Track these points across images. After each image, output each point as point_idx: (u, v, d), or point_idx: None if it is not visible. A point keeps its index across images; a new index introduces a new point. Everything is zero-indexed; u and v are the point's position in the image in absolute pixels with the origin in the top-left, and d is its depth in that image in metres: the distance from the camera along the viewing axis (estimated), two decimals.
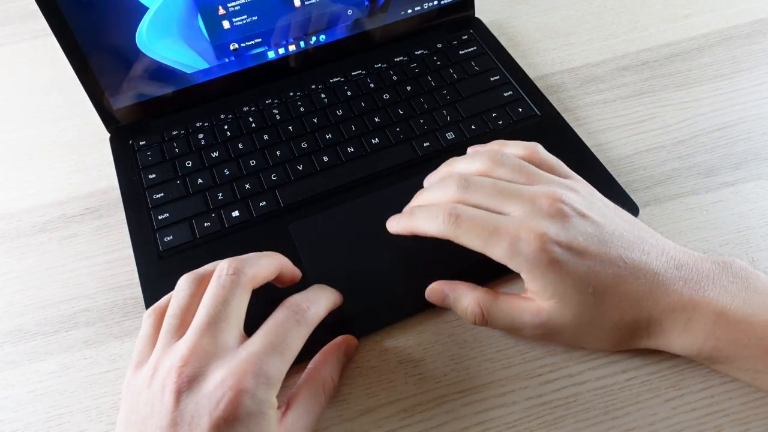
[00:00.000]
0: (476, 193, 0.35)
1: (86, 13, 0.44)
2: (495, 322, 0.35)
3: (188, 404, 0.28)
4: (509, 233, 0.33)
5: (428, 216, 0.35)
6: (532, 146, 0.39)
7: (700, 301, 0.32)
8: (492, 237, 0.33)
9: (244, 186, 0.45)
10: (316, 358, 0.35)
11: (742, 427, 0.34)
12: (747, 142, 0.46)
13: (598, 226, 0.34)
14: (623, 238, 0.33)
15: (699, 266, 0.33)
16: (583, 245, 0.33)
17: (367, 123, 0.49)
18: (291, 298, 0.34)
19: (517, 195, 0.34)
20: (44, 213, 0.48)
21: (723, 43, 0.54)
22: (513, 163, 0.37)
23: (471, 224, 0.34)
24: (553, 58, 0.55)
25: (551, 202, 0.33)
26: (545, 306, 0.33)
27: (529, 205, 0.34)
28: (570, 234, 0.33)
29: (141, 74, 0.48)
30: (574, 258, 0.32)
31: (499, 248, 0.33)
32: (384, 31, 0.53)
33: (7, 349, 0.40)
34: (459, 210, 0.34)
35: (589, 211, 0.34)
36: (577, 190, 0.36)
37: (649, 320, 0.33)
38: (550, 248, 0.32)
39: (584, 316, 0.33)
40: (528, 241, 0.32)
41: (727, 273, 0.33)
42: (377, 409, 0.36)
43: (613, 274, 0.32)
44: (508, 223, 0.33)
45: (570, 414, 0.35)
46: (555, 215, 0.33)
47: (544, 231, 0.32)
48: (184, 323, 0.31)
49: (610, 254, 0.33)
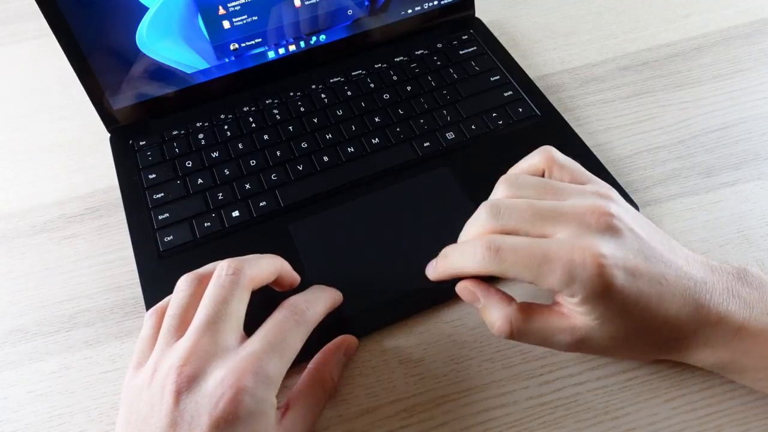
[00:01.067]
0: (511, 217, 0.31)
1: (86, 13, 0.44)
2: (524, 339, 0.33)
3: (188, 404, 0.28)
4: (561, 259, 0.29)
5: (464, 254, 0.32)
6: (546, 150, 0.35)
7: (723, 316, 0.31)
8: (543, 266, 0.29)
9: (244, 186, 0.45)
10: (316, 358, 0.35)
11: (742, 427, 0.34)
12: (747, 142, 0.46)
13: (641, 241, 0.31)
14: (661, 253, 0.31)
15: (718, 278, 0.32)
16: (634, 264, 0.30)
17: (367, 123, 0.49)
18: (290, 298, 0.34)
19: (559, 213, 0.31)
20: (44, 213, 0.48)
21: (723, 43, 0.54)
22: (532, 181, 0.33)
23: (516, 256, 0.30)
24: (553, 58, 0.55)
25: (598, 217, 0.30)
26: (581, 325, 0.31)
27: (575, 224, 0.30)
28: (625, 252, 0.30)
29: (141, 74, 0.48)
30: (628, 279, 0.30)
31: (553, 276, 0.29)
32: (384, 31, 0.53)
33: (7, 349, 0.40)
34: (498, 242, 0.30)
35: (634, 224, 0.31)
36: (614, 198, 0.33)
37: (678, 336, 0.32)
38: (610, 272, 0.29)
39: (621, 334, 0.31)
40: (584, 265, 0.29)
41: (744, 283, 0.32)
42: (377, 409, 0.36)
43: (657, 293, 0.30)
44: (558, 247, 0.30)
45: (570, 414, 0.35)
46: (606, 230, 0.30)
47: (601, 251, 0.29)
48: (183, 323, 0.31)
49: (653, 272, 0.30)
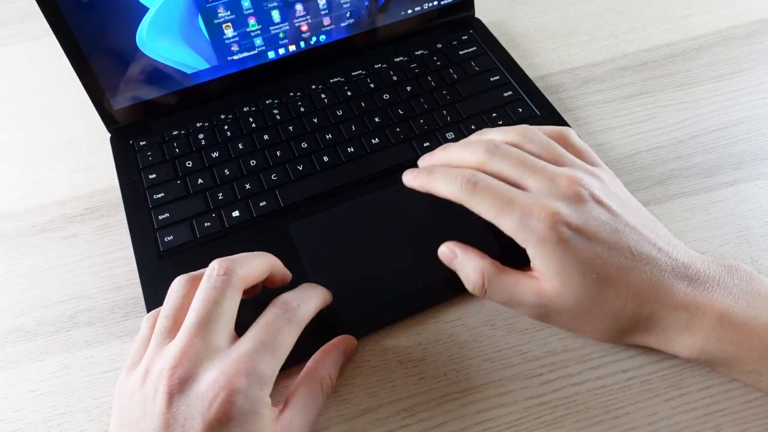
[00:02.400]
0: (500, 161, 0.35)
1: (86, 14, 0.44)
2: (495, 294, 0.35)
3: (180, 406, 0.28)
4: (522, 207, 0.33)
5: (447, 178, 0.35)
6: (565, 130, 0.39)
7: (704, 302, 0.32)
8: (505, 208, 0.33)
9: (244, 186, 0.45)
10: (314, 357, 0.35)
11: (742, 426, 0.34)
12: (746, 142, 0.46)
13: (613, 215, 0.34)
14: (636, 231, 0.33)
15: (706, 268, 0.33)
16: (594, 230, 0.33)
17: (367, 123, 0.49)
18: (281, 296, 0.33)
19: (539, 170, 0.35)
20: (44, 213, 0.48)
21: (722, 43, 0.54)
22: (542, 140, 0.37)
23: (486, 192, 0.34)
24: (553, 58, 0.55)
25: (570, 184, 0.34)
26: (547, 287, 0.33)
27: (548, 183, 0.34)
28: (582, 217, 0.33)
29: (141, 74, 0.48)
30: (582, 241, 0.32)
31: (510, 220, 0.33)
32: (384, 32, 0.54)
33: (7, 348, 0.40)
34: (478, 177, 0.34)
35: (608, 200, 0.34)
36: (601, 178, 0.36)
37: (650, 316, 0.33)
38: (560, 228, 0.32)
39: (585, 301, 0.33)
40: (539, 218, 0.32)
41: (733, 276, 0.33)
42: (377, 409, 0.36)
43: (619, 264, 0.32)
44: (522, 198, 0.33)
45: (570, 414, 0.35)
46: (571, 197, 0.33)
47: (557, 210, 0.32)
48: (176, 324, 0.31)
49: (619, 243, 0.33)
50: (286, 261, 0.37)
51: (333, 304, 0.37)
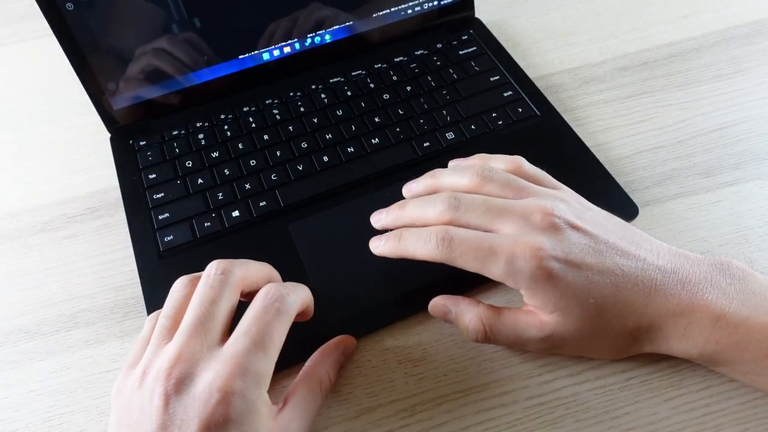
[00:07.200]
0: (466, 213, 0.34)
1: (86, 13, 0.44)
2: (498, 338, 0.35)
3: (177, 408, 0.28)
4: (505, 252, 0.32)
5: (419, 240, 0.34)
6: (517, 159, 0.38)
7: (699, 305, 0.32)
8: (488, 257, 0.33)
9: (244, 186, 0.45)
10: (313, 357, 0.35)
11: (741, 426, 0.34)
12: (746, 142, 0.46)
13: (591, 237, 0.33)
14: (618, 247, 0.33)
15: (696, 268, 0.33)
16: (579, 257, 0.32)
17: (367, 123, 0.49)
18: (267, 286, 0.33)
19: (509, 212, 0.34)
20: (44, 213, 0.48)
21: (722, 43, 0.54)
22: (501, 178, 0.36)
23: (465, 246, 0.33)
24: (553, 58, 0.55)
25: (543, 216, 0.33)
26: (548, 320, 0.33)
27: (521, 221, 0.33)
28: (565, 247, 0.32)
29: (141, 74, 0.48)
30: (571, 271, 0.32)
31: (496, 267, 0.32)
32: (384, 32, 0.54)
33: (7, 348, 0.40)
34: (451, 233, 0.33)
35: (581, 222, 0.34)
36: (567, 200, 0.35)
37: (650, 326, 0.33)
38: (548, 263, 0.32)
39: (587, 326, 0.33)
40: (525, 258, 0.32)
41: (725, 274, 0.33)
42: (377, 409, 0.36)
43: (612, 283, 0.32)
44: (502, 242, 0.33)
45: (570, 414, 0.35)
46: (548, 229, 0.33)
47: (540, 246, 0.32)
48: (176, 324, 0.31)
49: (606, 264, 0.33)
50: (286, 261, 0.37)
51: (333, 304, 0.37)
